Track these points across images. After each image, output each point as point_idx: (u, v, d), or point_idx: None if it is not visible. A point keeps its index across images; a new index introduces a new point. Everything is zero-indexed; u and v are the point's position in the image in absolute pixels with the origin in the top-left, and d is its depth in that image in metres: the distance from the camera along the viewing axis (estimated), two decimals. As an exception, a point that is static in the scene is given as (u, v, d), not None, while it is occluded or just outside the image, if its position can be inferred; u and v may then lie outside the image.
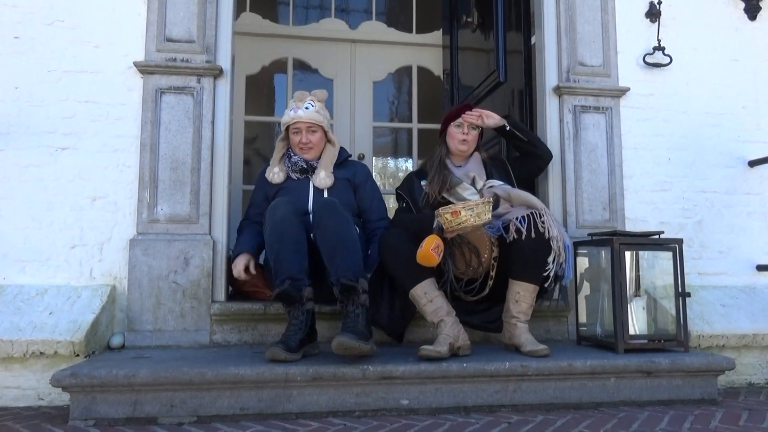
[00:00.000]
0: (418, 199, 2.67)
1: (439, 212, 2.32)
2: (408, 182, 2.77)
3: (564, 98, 2.96)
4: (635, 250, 2.55)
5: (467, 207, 2.29)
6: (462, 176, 2.65)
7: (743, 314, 2.82)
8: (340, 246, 2.29)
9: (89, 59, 2.68)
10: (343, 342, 2.08)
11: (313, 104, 2.66)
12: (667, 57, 3.02)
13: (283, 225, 2.34)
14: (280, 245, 2.31)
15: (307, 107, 2.65)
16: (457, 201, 2.54)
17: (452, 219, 2.29)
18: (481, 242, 2.44)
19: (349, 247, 2.30)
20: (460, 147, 2.69)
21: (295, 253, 2.32)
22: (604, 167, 2.95)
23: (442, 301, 2.36)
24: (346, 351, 2.10)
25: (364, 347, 2.09)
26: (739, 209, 3.07)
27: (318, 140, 2.68)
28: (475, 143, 2.73)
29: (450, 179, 2.63)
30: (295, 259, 2.31)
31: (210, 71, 2.70)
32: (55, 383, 2.02)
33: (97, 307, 2.47)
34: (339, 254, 2.27)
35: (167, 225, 2.63)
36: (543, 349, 2.30)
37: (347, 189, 2.72)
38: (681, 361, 2.33)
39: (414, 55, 4.96)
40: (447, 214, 2.29)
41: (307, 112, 2.64)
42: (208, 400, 2.09)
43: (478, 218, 2.28)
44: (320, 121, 2.66)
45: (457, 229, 2.31)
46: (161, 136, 2.66)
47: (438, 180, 2.63)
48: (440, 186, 2.61)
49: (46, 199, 2.60)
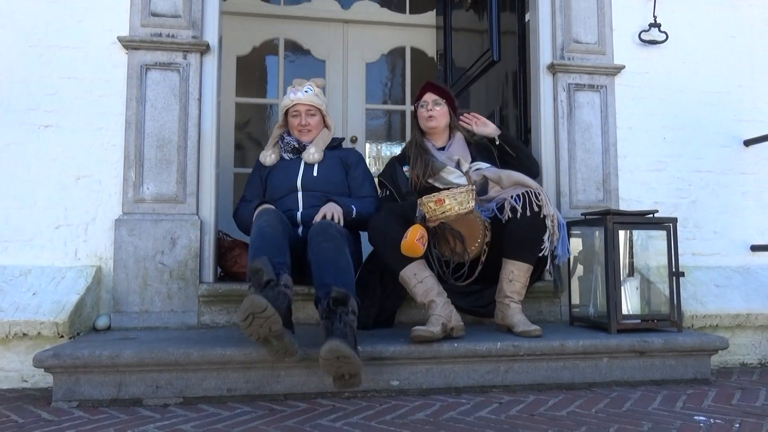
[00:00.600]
0: (401, 186, 2.64)
1: (422, 201, 2.28)
2: (390, 169, 2.73)
3: (558, 76, 2.91)
4: (629, 229, 2.52)
5: (451, 195, 2.25)
6: (445, 160, 2.60)
7: (737, 294, 2.80)
8: (332, 263, 2.12)
9: (72, 34, 2.60)
10: (336, 347, 1.75)
11: (313, 89, 2.73)
12: (663, 34, 2.97)
13: (268, 229, 2.20)
14: (261, 242, 2.14)
15: (307, 90, 2.71)
16: (442, 185, 2.52)
17: (436, 207, 2.25)
18: (473, 228, 2.40)
19: (343, 267, 2.13)
20: (428, 124, 2.67)
21: (277, 249, 2.13)
22: (598, 146, 2.90)
23: (432, 282, 2.30)
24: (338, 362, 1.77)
25: (356, 361, 1.79)
26: (734, 189, 3.03)
27: (316, 124, 2.73)
28: (445, 118, 2.69)
29: (433, 164, 2.58)
30: (276, 251, 2.10)
31: (196, 47, 2.64)
32: (38, 364, 1.98)
33: (82, 288, 2.43)
34: (330, 270, 2.09)
35: (153, 205, 2.58)
36: (535, 330, 2.27)
37: (338, 167, 2.71)
38: (674, 341, 2.31)
39: (407, 36, 4.89)
40: (431, 202, 2.25)
41: (306, 95, 2.70)
42: (194, 381, 2.05)
43: (461, 206, 2.25)
44: (319, 105, 2.72)
45: (441, 217, 2.27)
46: (147, 114, 2.59)
47: (420, 165, 2.59)
48: (423, 171, 2.57)
49: (28, 177, 2.54)
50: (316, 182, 2.63)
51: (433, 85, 2.75)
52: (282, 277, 1.96)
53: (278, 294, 1.88)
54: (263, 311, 1.73)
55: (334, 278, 2.05)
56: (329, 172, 2.67)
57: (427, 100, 2.69)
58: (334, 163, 2.71)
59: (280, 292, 1.89)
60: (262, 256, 2.01)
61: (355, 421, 1.83)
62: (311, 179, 2.64)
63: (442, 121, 2.68)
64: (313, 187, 2.63)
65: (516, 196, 2.34)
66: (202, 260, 2.60)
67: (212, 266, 2.64)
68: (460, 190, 2.27)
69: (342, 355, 1.76)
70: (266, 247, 2.11)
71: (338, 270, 2.10)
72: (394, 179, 2.67)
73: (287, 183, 2.65)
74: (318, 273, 2.10)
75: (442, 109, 2.68)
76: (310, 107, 2.70)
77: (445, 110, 2.69)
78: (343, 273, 2.10)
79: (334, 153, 2.75)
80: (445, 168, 2.57)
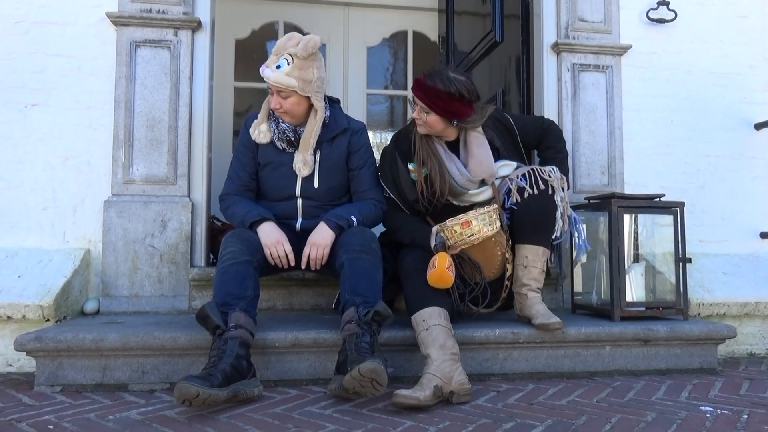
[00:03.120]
0: (406, 193, 2.21)
1: (445, 225, 2.06)
2: (390, 168, 2.25)
3: (562, 56, 2.81)
4: (634, 213, 2.43)
5: (478, 216, 2.04)
6: (465, 183, 2.19)
7: (745, 282, 2.71)
8: (370, 278, 2.02)
9: (59, 9, 2.53)
10: (377, 370, 1.67)
11: (289, 61, 2.10)
12: (672, 12, 2.86)
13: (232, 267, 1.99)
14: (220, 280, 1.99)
15: (279, 65, 2.10)
16: (461, 203, 2.22)
17: (462, 231, 2.04)
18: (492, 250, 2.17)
19: (378, 283, 2.04)
20: (420, 130, 2.21)
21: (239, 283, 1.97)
22: (603, 129, 2.81)
23: (438, 332, 1.91)
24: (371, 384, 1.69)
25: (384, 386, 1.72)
26: (743, 174, 2.94)
27: (292, 106, 2.15)
28: (438, 125, 2.16)
29: (451, 187, 2.18)
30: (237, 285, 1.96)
31: (187, 24, 2.55)
32: (19, 347, 1.92)
33: (69, 271, 2.36)
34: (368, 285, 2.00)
35: (143, 186, 2.51)
36: (555, 323, 2.06)
37: (341, 166, 2.28)
38: (680, 329, 2.23)
39: (409, 19, 4.80)
40: (456, 226, 2.04)
41: (275, 74, 2.10)
42: (181, 367, 1.99)
43: (490, 227, 2.05)
44: (290, 86, 2.10)
45: (469, 241, 2.06)
46: (136, 93, 2.52)
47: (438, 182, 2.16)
48: (441, 191, 2.17)
49: (15, 157, 2.48)
50: (316, 193, 2.26)
51: (421, 89, 2.13)
52: (231, 317, 1.86)
53: (224, 342, 1.80)
54: (196, 396, 1.61)
55: (369, 291, 1.98)
56: (331, 181, 2.26)
57: (416, 102, 2.16)
58: (337, 161, 2.26)
59: (227, 340, 1.81)
60: (215, 300, 1.94)
61: (345, 408, 1.76)
62: (311, 190, 2.25)
63: (435, 128, 2.17)
64: (314, 196, 2.26)
65: (521, 175, 2.17)
66: (194, 243, 2.53)
67: (204, 250, 2.57)
68: (487, 209, 2.07)
69: (377, 379, 1.68)
70: (224, 285, 1.96)
71: (374, 285, 2.01)
72: (396, 182, 2.22)
73: (286, 190, 2.25)
74: (353, 281, 2.00)
75: (431, 118, 2.14)
76: (281, 88, 2.12)
77: (435, 118, 2.14)
78: (378, 289, 2.02)
79: (334, 148, 2.26)
80: (467, 193, 2.21)
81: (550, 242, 2.19)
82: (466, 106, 2.14)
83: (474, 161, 2.20)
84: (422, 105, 2.13)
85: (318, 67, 2.15)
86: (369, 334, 1.84)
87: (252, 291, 1.98)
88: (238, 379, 1.76)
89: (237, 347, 1.80)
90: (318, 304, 2.58)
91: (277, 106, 2.15)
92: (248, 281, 1.98)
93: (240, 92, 4.51)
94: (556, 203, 2.15)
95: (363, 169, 2.30)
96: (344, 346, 1.85)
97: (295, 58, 2.10)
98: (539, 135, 2.37)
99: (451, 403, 1.80)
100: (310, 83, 2.13)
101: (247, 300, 1.94)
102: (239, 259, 2.00)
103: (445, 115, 2.14)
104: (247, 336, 1.86)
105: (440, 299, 2.02)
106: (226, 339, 1.81)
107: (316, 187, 2.24)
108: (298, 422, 1.63)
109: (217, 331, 1.83)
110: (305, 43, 2.11)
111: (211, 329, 1.85)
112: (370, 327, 1.86)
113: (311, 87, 2.13)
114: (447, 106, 2.11)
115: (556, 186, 2.14)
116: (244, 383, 1.78)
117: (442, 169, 2.18)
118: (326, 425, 1.61)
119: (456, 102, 2.11)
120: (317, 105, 2.17)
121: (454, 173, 2.20)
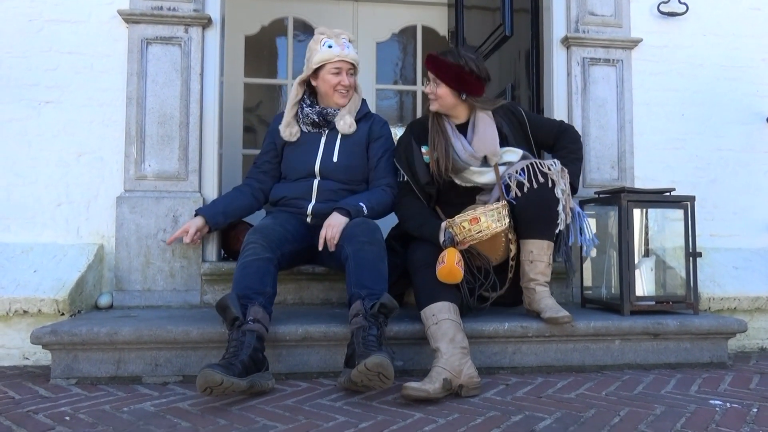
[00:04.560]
0: (420, 175, 2.28)
1: (454, 221, 2.07)
2: (405, 150, 2.34)
3: (572, 50, 2.80)
4: (644, 208, 2.42)
5: (487, 212, 2.04)
6: (468, 158, 2.25)
7: (757, 277, 2.69)
8: (375, 269, 2.03)
9: (72, 8, 2.55)
10: (383, 363, 1.69)
11: (349, 43, 2.35)
12: (683, 5, 2.84)
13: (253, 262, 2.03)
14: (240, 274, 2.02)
15: (348, 45, 2.34)
16: (464, 183, 2.27)
17: (471, 227, 2.03)
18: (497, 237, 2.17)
19: (384, 274, 2.05)
20: (430, 107, 2.32)
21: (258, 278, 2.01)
22: (613, 123, 2.80)
23: (448, 326, 1.93)
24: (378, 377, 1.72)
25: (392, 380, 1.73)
26: (755, 168, 2.91)
27: (352, 77, 2.38)
28: (448, 98, 2.26)
29: (455, 162, 2.24)
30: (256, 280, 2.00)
31: (198, 20, 2.57)
32: (35, 340, 1.95)
33: (83, 266, 2.39)
34: (373, 275, 2.02)
35: (155, 182, 2.53)
36: (564, 317, 2.06)
37: (361, 147, 2.40)
38: (690, 323, 2.22)
39: (418, 14, 4.79)
40: (464, 222, 2.04)
41: (350, 52, 2.33)
42: (194, 360, 2.02)
43: (499, 223, 2.06)
44: (357, 61, 2.38)
45: (477, 237, 2.06)
46: (148, 89, 2.54)
47: (442, 156, 2.24)
48: (445, 165, 2.23)
49: (29, 154, 2.51)
50: (335, 170, 2.35)
51: (432, 61, 2.27)
52: (250, 311, 1.90)
53: (242, 334, 1.83)
54: (220, 384, 1.65)
55: (374, 283, 1.99)
56: (350, 158, 2.36)
57: (428, 77, 2.30)
58: (358, 142, 2.39)
59: (245, 332, 1.84)
60: (235, 291, 1.96)
61: (355, 401, 1.78)
62: (330, 166, 2.35)
63: (445, 101, 2.27)
64: (331, 175, 2.35)
65: (520, 170, 2.18)
66: (205, 238, 2.55)
67: (215, 245, 2.59)
68: (495, 205, 2.09)
69: (384, 373, 1.70)
70: (245, 279, 2.00)
71: (379, 276, 2.03)
72: (410, 164, 2.30)
73: (305, 165, 2.36)
74: (358, 274, 2.02)
75: (442, 90, 2.25)
76: (352, 66, 2.34)
77: (445, 90, 2.25)
78: (383, 280, 2.04)
79: (360, 126, 2.40)
80: (468, 169, 2.25)
81: (553, 235, 2.19)
82: (475, 81, 2.25)
83: (477, 137, 2.27)
84: (433, 77, 2.26)
85: None
86: (376, 326, 1.86)
87: (271, 288, 2.02)
88: (255, 371, 1.80)
89: (254, 340, 1.83)
90: (328, 298, 2.60)
91: (348, 84, 2.35)
92: (268, 278, 2.02)
93: (250, 88, 4.53)
94: (557, 196, 2.15)
95: (382, 159, 2.40)
96: (352, 340, 1.88)
97: (351, 42, 2.37)
98: (555, 135, 2.40)
99: (461, 396, 1.81)
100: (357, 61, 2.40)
101: (266, 296, 1.98)
102: (261, 255, 2.05)
103: (455, 87, 2.24)
104: (263, 330, 1.89)
105: (450, 294, 2.03)
106: (244, 331, 1.84)
107: (335, 162, 2.35)
108: (309, 414, 1.65)
109: (236, 323, 1.86)
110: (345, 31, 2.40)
111: (230, 320, 1.88)
112: (377, 319, 1.89)
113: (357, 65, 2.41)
114: (457, 77, 2.23)
115: (556, 179, 2.15)
116: (259, 375, 1.81)
117: (447, 144, 2.26)
118: (337, 417, 1.63)
119: (466, 74, 2.23)
120: (358, 84, 2.44)
121: (458, 149, 2.26)
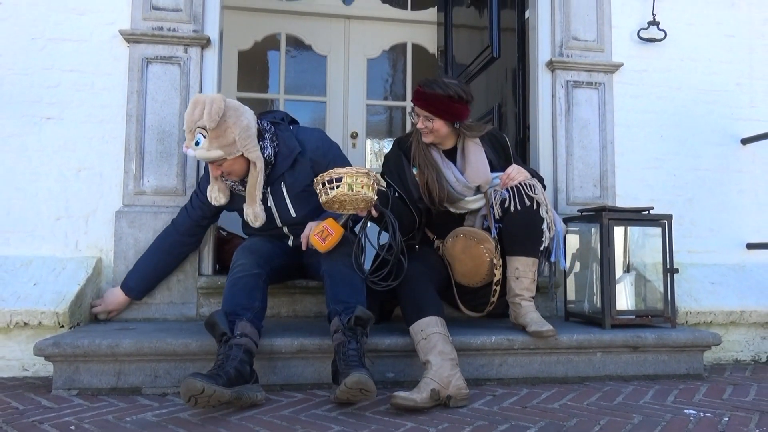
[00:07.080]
0: (412, 191, 2.32)
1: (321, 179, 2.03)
2: (396, 166, 2.37)
3: (557, 73, 2.92)
4: (625, 226, 2.54)
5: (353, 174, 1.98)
6: (463, 190, 2.32)
7: (731, 291, 2.82)
8: (347, 283, 2.09)
9: (74, 27, 2.62)
10: (362, 381, 1.76)
11: (204, 135, 2.09)
12: (662, 32, 2.98)
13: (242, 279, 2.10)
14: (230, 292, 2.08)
15: (198, 142, 2.11)
16: (458, 211, 2.36)
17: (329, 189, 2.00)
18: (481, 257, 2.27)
19: (357, 286, 2.11)
20: (424, 140, 2.34)
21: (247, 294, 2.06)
22: (595, 143, 2.92)
23: (437, 340, 1.99)
24: (360, 393, 1.79)
25: (374, 393, 1.81)
26: (730, 187, 3.05)
27: (230, 168, 2.19)
28: (442, 129, 2.30)
29: (449, 194, 2.31)
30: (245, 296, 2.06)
31: (197, 41, 2.66)
32: (38, 352, 2.01)
33: (83, 279, 2.45)
34: (346, 289, 2.08)
35: (153, 197, 2.60)
36: (548, 331, 2.15)
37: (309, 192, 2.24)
38: (667, 337, 2.33)
39: (409, 32, 4.92)
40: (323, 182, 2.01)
41: (198, 152, 2.11)
42: (192, 371, 2.05)
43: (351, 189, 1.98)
44: (217, 158, 2.13)
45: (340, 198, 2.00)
46: (147, 107, 2.62)
47: (436, 190, 2.28)
48: (440, 198, 2.30)
49: (30, 169, 2.57)
50: (296, 220, 2.35)
51: (421, 98, 2.28)
52: (238, 326, 1.95)
53: (229, 348, 1.88)
54: (201, 393, 1.69)
55: (349, 296, 2.06)
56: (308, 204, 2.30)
57: (417, 113, 2.31)
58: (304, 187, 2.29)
59: (232, 346, 1.89)
60: (223, 309, 2.02)
61: (349, 411, 1.85)
62: (291, 220, 2.36)
63: (441, 133, 2.32)
64: (296, 222, 2.35)
65: (505, 189, 2.27)
66: (201, 253, 2.62)
67: (211, 259, 2.66)
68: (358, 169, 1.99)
69: (365, 388, 1.77)
70: (233, 297, 2.06)
71: (354, 289, 2.10)
72: (403, 181, 2.34)
73: (267, 225, 2.34)
74: (333, 289, 2.09)
75: (437, 123, 2.29)
76: (221, 155, 2.13)
77: (440, 123, 2.29)
78: (359, 292, 2.10)
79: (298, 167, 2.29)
80: (464, 199, 2.33)
81: (538, 252, 2.29)
82: (464, 107, 2.31)
83: (471, 168, 2.34)
84: (426, 113, 2.28)
85: (234, 124, 2.12)
86: (355, 340, 1.93)
87: (260, 303, 2.08)
88: (242, 382, 1.85)
89: (241, 353, 1.89)
90: (321, 311, 2.67)
91: (217, 174, 2.22)
92: (256, 293, 2.09)
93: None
94: (542, 216, 2.26)
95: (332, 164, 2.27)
96: (335, 357, 1.95)
97: (207, 131, 2.09)
98: None
99: (449, 407, 1.89)
100: (234, 144, 2.12)
101: (254, 311, 2.04)
102: (249, 271, 2.12)
103: (449, 118, 2.29)
104: (251, 345, 1.95)
105: (436, 308, 2.12)
106: (231, 345, 1.91)
107: (294, 216, 2.34)
108: (305, 424, 1.73)
109: (224, 338, 1.93)
110: (208, 111, 2.08)
111: (218, 336, 1.95)
112: (355, 333, 1.95)
113: (236, 146, 2.13)
114: (449, 108, 2.27)
115: (541, 201, 2.25)
116: (247, 387, 1.86)
117: (439, 176, 2.31)
118: (332, 426, 1.71)
119: (456, 103, 2.27)
120: (252, 157, 2.18)
121: (451, 180, 2.33)
